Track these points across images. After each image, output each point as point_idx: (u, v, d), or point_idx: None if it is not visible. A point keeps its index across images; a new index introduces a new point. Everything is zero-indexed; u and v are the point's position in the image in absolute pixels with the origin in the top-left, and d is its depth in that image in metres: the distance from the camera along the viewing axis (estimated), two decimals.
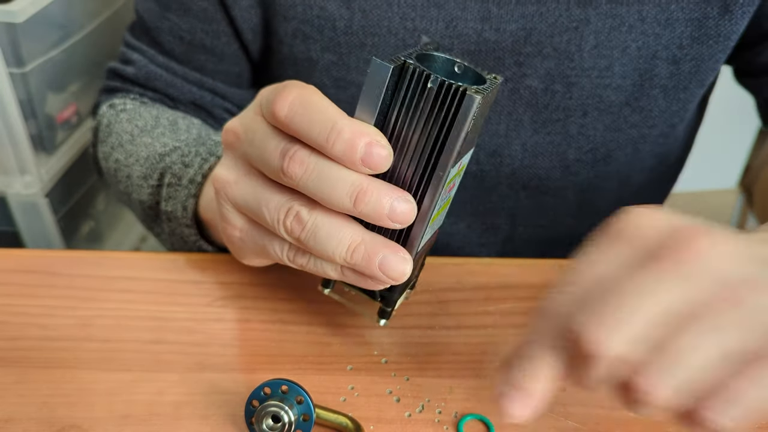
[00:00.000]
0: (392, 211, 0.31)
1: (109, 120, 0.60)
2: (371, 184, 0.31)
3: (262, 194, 0.34)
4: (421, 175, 0.33)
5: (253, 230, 0.37)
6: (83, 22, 0.85)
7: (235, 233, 0.38)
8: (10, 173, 0.77)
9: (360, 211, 0.32)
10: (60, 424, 0.38)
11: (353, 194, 0.31)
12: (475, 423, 0.38)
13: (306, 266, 0.36)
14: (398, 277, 0.33)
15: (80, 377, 0.41)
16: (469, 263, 0.50)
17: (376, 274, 0.33)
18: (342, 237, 0.33)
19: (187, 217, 0.49)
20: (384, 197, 0.31)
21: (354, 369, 0.42)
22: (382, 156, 0.31)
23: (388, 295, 0.38)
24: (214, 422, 0.38)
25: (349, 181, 0.31)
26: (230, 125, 0.37)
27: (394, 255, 0.33)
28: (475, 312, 0.46)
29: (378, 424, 0.38)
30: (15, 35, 0.70)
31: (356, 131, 0.31)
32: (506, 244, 0.63)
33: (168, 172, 0.51)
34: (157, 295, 0.47)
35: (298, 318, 0.45)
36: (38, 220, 0.81)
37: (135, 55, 0.61)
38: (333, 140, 0.31)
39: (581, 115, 0.55)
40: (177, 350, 0.43)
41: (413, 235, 0.34)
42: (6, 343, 0.43)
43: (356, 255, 0.33)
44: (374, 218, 0.32)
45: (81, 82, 0.86)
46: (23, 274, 0.48)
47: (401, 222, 0.32)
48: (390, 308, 0.38)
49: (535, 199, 0.60)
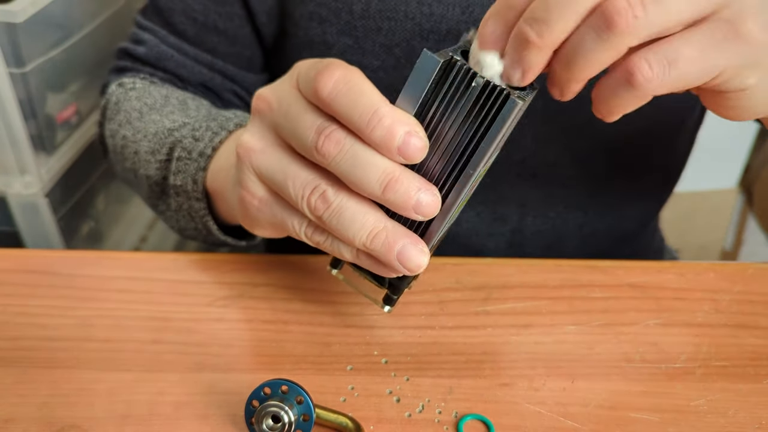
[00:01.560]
0: (418, 203, 0.32)
1: (118, 98, 0.59)
2: (403, 173, 0.31)
3: (288, 167, 0.34)
4: (450, 172, 0.33)
5: (273, 202, 0.36)
6: (83, 22, 0.84)
7: (254, 202, 0.37)
8: (10, 173, 0.77)
9: (387, 199, 0.32)
10: (60, 424, 0.38)
11: (384, 181, 0.31)
12: (475, 423, 0.38)
13: (322, 244, 0.36)
14: (415, 268, 0.33)
15: (80, 377, 0.41)
16: (469, 263, 0.50)
17: (393, 262, 0.33)
18: (365, 221, 0.33)
19: (197, 190, 0.48)
20: (413, 188, 0.31)
21: (354, 369, 0.42)
22: (418, 147, 0.31)
23: (398, 283, 0.38)
24: (214, 422, 0.38)
25: (381, 167, 0.31)
26: (263, 92, 0.36)
27: (413, 246, 0.33)
28: (475, 312, 0.46)
29: (378, 424, 0.38)
30: (15, 35, 0.70)
31: (397, 119, 0.31)
32: (515, 234, 0.62)
33: (178, 146, 0.50)
34: (157, 295, 0.47)
35: (298, 318, 0.45)
36: (38, 220, 0.81)
37: (146, 35, 0.61)
38: (374, 125, 0.30)
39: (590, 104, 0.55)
40: (177, 350, 0.43)
41: (432, 229, 0.34)
42: (6, 343, 0.43)
43: (376, 241, 0.33)
44: (400, 207, 0.32)
45: (81, 82, 0.86)
46: (23, 274, 0.48)
47: (425, 215, 0.32)
48: (396, 296, 0.38)
49: (545, 190, 0.60)
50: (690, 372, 0.42)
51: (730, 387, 0.41)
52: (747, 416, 0.39)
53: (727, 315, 0.46)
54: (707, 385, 0.41)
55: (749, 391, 0.40)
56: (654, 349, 0.43)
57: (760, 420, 0.38)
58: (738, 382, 0.41)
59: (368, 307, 0.46)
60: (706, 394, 0.40)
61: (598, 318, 0.45)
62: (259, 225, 0.40)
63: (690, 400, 0.40)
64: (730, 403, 0.39)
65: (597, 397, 0.40)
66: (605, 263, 0.50)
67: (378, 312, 0.46)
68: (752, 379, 0.41)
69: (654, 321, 0.45)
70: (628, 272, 0.49)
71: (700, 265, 0.50)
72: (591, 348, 0.43)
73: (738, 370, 0.42)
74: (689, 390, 0.40)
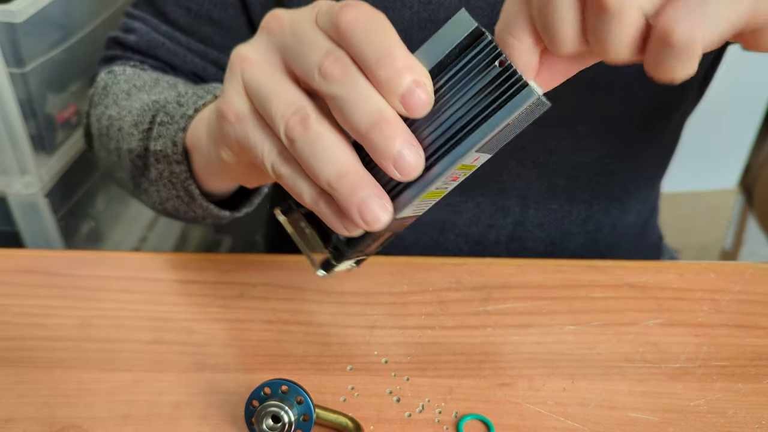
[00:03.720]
0: (400, 156, 0.30)
1: (106, 83, 0.58)
2: (396, 120, 0.30)
3: (278, 83, 0.32)
4: (442, 145, 0.31)
5: (250, 120, 0.34)
6: (83, 22, 0.84)
7: (230, 116, 0.35)
8: (10, 173, 0.77)
9: (371, 139, 0.30)
10: (60, 424, 0.38)
11: (374, 119, 0.29)
12: (475, 423, 0.38)
13: (283, 178, 0.33)
14: (373, 222, 0.31)
15: (80, 377, 0.41)
16: (468, 263, 0.50)
17: (352, 209, 0.31)
18: (337, 157, 0.31)
19: (177, 152, 0.46)
20: (400, 137, 0.30)
21: (354, 369, 0.42)
22: (422, 100, 0.29)
23: (342, 248, 0.35)
24: (214, 422, 0.38)
25: (377, 105, 0.30)
26: (278, 11, 0.34)
27: (378, 199, 0.31)
28: (475, 312, 0.46)
29: (378, 424, 0.38)
30: (15, 35, 0.70)
31: (410, 65, 0.29)
32: (516, 227, 0.62)
33: (161, 111, 0.49)
34: (157, 295, 0.47)
35: (298, 318, 0.45)
36: (38, 220, 0.81)
37: (137, 23, 0.60)
38: (384, 64, 0.29)
39: (590, 89, 0.54)
40: (177, 350, 0.43)
41: (402, 198, 0.32)
42: (6, 343, 0.43)
43: (343, 181, 0.30)
44: (381, 153, 0.30)
45: (81, 82, 0.86)
46: (23, 274, 0.48)
47: (402, 172, 0.30)
48: (336, 262, 0.36)
49: (547, 180, 0.60)
50: (690, 372, 0.42)
51: (730, 387, 0.41)
52: (747, 416, 0.39)
53: (727, 315, 0.46)
54: (707, 385, 0.41)
55: (749, 391, 0.40)
56: (654, 349, 0.43)
57: (760, 420, 0.38)
58: (738, 382, 0.41)
59: (368, 307, 0.46)
60: (706, 394, 0.40)
61: (598, 318, 0.45)
62: (226, 144, 0.37)
63: (690, 400, 0.40)
64: (730, 403, 0.39)
65: (597, 397, 0.40)
66: (605, 263, 0.50)
67: (378, 312, 0.46)
68: (752, 379, 0.41)
69: (654, 321, 0.45)
70: (628, 272, 0.49)
71: (700, 265, 0.50)
72: (591, 348, 0.43)
73: (738, 370, 0.42)
74: (689, 390, 0.40)
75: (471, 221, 0.61)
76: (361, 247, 0.35)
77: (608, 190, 0.61)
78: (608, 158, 0.59)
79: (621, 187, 0.61)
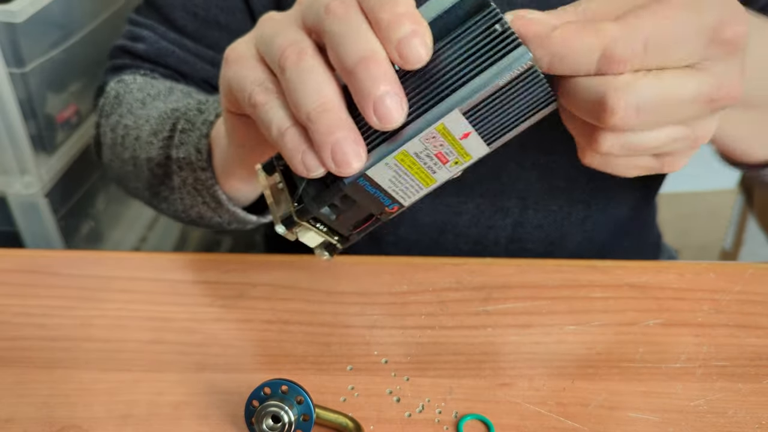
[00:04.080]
0: (381, 100, 0.29)
1: (118, 92, 0.58)
2: (385, 62, 0.29)
3: (288, 27, 0.32)
4: (429, 101, 0.30)
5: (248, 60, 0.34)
6: (83, 22, 0.85)
7: (230, 56, 0.35)
8: (10, 173, 0.77)
9: (356, 75, 0.29)
10: (60, 424, 0.38)
11: (364, 56, 0.29)
12: (475, 423, 0.38)
13: (259, 106, 0.32)
14: (342, 164, 0.30)
15: (80, 377, 0.41)
16: (468, 263, 0.50)
17: (324, 148, 0.30)
18: (324, 91, 0.30)
19: (202, 159, 0.46)
20: (384, 81, 0.29)
21: (354, 369, 0.42)
22: (419, 52, 0.29)
23: (309, 203, 0.33)
24: (214, 422, 0.38)
25: (370, 44, 0.29)
26: None
27: (354, 144, 0.30)
28: (475, 312, 0.46)
29: (378, 424, 0.38)
30: (15, 35, 0.70)
31: (412, 14, 0.29)
32: (516, 228, 0.62)
33: (182, 119, 0.49)
34: (157, 295, 0.47)
35: (298, 318, 0.45)
36: (38, 220, 0.81)
37: (144, 31, 0.60)
38: (387, 8, 0.29)
39: None
40: (177, 350, 0.43)
41: (377, 152, 0.31)
42: (6, 343, 0.43)
43: (324, 116, 0.30)
44: (363, 94, 0.29)
45: (81, 82, 0.86)
46: (23, 274, 0.48)
47: (381, 118, 0.29)
48: (299, 218, 0.33)
49: (546, 181, 0.60)
50: (690, 372, 0.42)
51: (730, 387, 0.41)
52: (747, 416, 0.39)
53: (727, 315, 0.46)
54: (707, 385, 0.41)
55: (749, 391, 0.40)
56: (654, 349, 0.43)
57: (760, 420, 0.38)
58: (738, 382, 0.41)
59: (368, 307, 0.46)
60: (706, 394, 0.40)
61: (598, 318, 0.45)
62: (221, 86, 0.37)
63: (690, 400, 0.40)
64: (730, 403, 0.40)
65: (597, 397, 0.40)
66: (605, 263, 0.50)
67: (378, 312, 0.46)
68: (752, 379, 0.41)
69: (654, 321, 0.45)
70: (628, 272, 0.49)
71: (700, 265, 0.50)
72: (591, 348, 0.43)
73: (738, 370, 0.42)
74: (689, 390, 0.40)
75: (471, 222, 0.61)
76: (327, 209, 0.33)
77: (606, 190, 0.61)
78: None
79: (619, 187, 0.61)
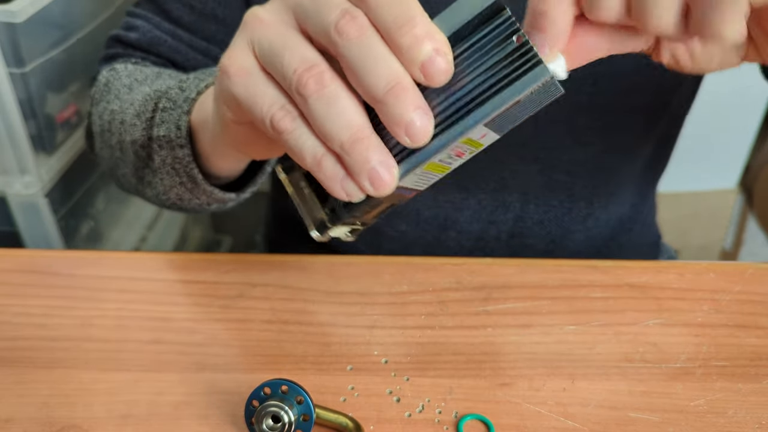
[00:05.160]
0: (412, 122, 0.29)
1: (107, 80, 0.57)
2: (412, 87, 0.29)
3: (291, 40, 0.31)
4: (450, 115, 0.31)
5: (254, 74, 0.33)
6: (83, 22, 0.84)
7: (231, 70, 0.33)
8: (10, 173, 0.77)
9: (387, 102, 0.29)
10: (60, 424, 0.38)
11: (391, 83, 0.29)
12: (475, 423, 0.38)
13: (284, 134, 0.31)
14: (380, 187, 0.30)
15: (80, 377, 0.41)
16: (468, 263, 0.50)
17: (362, 176, 0.30)
18: (354, 120, 0.30)
19: (181, 135, 0.45)
20: (414, 103, 0.29)
21: (354, 369, 0.42)
22: (442, 69, 0.29)
23: (339, 210, 0.34)
24: (214, 422, 0.38)
25: (394, 69, 0.29)
26: None
27: (388, 166, 0.30)
28: (475, 312, 0.46)
29: (378, 424, 0.38)
30: (15, 35, 0.70)
31: (431, 32, 0.29)
32: (517, 222, 0.62)
33: (163, 98, 0.48)
34: (156, 295, 0.47)
35: (298, 318, 0.45)
36: (38, 220, 0.81)
37: (139, 21, 0.60)
38: (406, 30, 0.28)
39: (591, 83, 0.55)
40: (177, 350, 0.43)
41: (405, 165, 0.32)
42: (6, 343, 0.43)
43: (357, 146, 0.30)
44: (394, 119, 0.29)
45: (81, 82, 0.86)
46: (23, 274, 0.48)
47: (412, 138, 0.29)
48: (332, 224, 0.34)
49: (547, 176, 0.60)
50: (690, 372, 0.42)
51: (730, 387, 0.41)
52: (747, 416, 0.39)
53: (727, 315, 0.46)
54: (707, 385, 0.41)
55: (749, 391, 0.40)
56: (654, 349, 0.43)
57: (760, 420, 0.38)
58: (738, 382, 0.41)
59: (368, 307, 0.46)
60: (706, 394, 0.40)
61: (598, 318, 0.45)
62: (225, 102, 0.36)
63: (690, 400, 0.40)
64: (730, 403, 0.40)
65: (597, 397, 0.40)
66: (605, 263, 0.50)
67: (378, 312, 0.46)
68: (752, 379, 0.41)
69: (654, 321, 0.45)
70: (628, 272, 0.49)
71: (700, 265, 0.50)
72: (591, 348, 0.43)
73: (738, 370, 0.42)
74: (689, 390, 0.40)
75: (472, 218, 0.61)
76: (358, 212, 0.34)
77: (608, 187, 0.61)
78: (608, 153, 0.59)
79: (620, 184, 0.62)
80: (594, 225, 0.63)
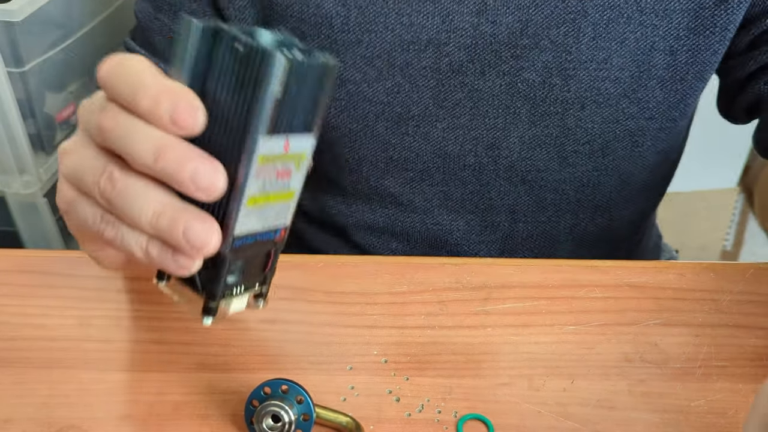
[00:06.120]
0: (195, 173, 0.30)
1: None
2: (178, 143, 0.30)
3: (86, 159, 0.34)
4: (237, 147, 0.31)
5: (78, 201, 0.35)
6: (82, 22, 0.84)
7: (62, 206, 0.36)
8: (9, 173, 0.77)
9: (161, 168, 0.30)
10: (59, 425, 0.38)
11: (156, 150, 0.30)
12: (475, 423, 0.38)
13: (114, 239, 0.33)
14: (204, 245, 0.31)
15: (80, 377, 0.41)
16: (468, 263, 0.50)
17: (180, 241, 0.31)
18: (150, 198, 0.31)
19: None
20: (187, 156, 0.30)
21: (354, 369, 0.42)
22: (189, 113, 0.30)
23: (209, 285, 0.34)
24: (214, 422, 0.38)
25: (154, 137, 0.30)
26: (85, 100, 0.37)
27: (202, 223, 0.31)
28: (475, 312, 0.46)
29: (378, 424, 0.38)
30: (14, 34, 0.70)
31: (163, 88, 0.30)
32: (506, 241, 0.63)
33: None
34: (157, 295, 0.47)
35: (298, 318, 0.45)
36: (37, 220, 0.81)
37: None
38: (140, 97, 0.30)
39: (579, 108, 0.55)
40: (177, 350, 0.43)
41: (229, 215, 0.32)
42: (5, 344, 0.43)
43: (162, 219, 0.31)
44: (177, 179, 0.30)
45: (80, 81, 0.86)
46: (22, 274, 0.48)
47: (206, 189, 0.30)
48: (214, 304, 0.34)
49: (535, 195, 0.60)
50: (690, 372, 0.42)
51: (730, 387, 0.41)
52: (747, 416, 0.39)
53: (727, 315, 0.46)
54: (707, 385, 0.41)
55: (749, 391, 0.40)
56: (654, 349, 0.43)
57: None
58: (738, 382, 0.41)
59: (368, 306, 0.46)
60: (706, 394, 0.40)
61: (597, 318, 0.45)
62: (73, 232, 0.39)
63: (690, 400, 0.40)
64: (730, 403, 0.39)
65: (597, 397, 0.40)
66: (605, 263, 0.50)
67: (378, 312, 0.45)
68: (752, 379, 0.41)
69: (654, 321, 0.45)
70: (628, 272, 0.49)
71: (700, 265, 0.50)
72: (591, 348, 0.43)
73: (738, 370, 0.42)
74: (689, 390, 0.40)
75: (462, 239, 0.62)
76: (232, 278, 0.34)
77: (593, 200, 0.61)
78: (594, 172, 0.59)
79: (605, 197, 0.61)
80: (581, 235, 0.63)
